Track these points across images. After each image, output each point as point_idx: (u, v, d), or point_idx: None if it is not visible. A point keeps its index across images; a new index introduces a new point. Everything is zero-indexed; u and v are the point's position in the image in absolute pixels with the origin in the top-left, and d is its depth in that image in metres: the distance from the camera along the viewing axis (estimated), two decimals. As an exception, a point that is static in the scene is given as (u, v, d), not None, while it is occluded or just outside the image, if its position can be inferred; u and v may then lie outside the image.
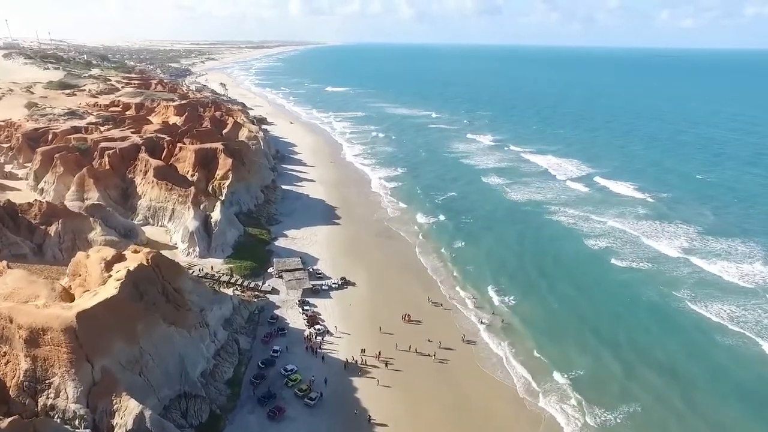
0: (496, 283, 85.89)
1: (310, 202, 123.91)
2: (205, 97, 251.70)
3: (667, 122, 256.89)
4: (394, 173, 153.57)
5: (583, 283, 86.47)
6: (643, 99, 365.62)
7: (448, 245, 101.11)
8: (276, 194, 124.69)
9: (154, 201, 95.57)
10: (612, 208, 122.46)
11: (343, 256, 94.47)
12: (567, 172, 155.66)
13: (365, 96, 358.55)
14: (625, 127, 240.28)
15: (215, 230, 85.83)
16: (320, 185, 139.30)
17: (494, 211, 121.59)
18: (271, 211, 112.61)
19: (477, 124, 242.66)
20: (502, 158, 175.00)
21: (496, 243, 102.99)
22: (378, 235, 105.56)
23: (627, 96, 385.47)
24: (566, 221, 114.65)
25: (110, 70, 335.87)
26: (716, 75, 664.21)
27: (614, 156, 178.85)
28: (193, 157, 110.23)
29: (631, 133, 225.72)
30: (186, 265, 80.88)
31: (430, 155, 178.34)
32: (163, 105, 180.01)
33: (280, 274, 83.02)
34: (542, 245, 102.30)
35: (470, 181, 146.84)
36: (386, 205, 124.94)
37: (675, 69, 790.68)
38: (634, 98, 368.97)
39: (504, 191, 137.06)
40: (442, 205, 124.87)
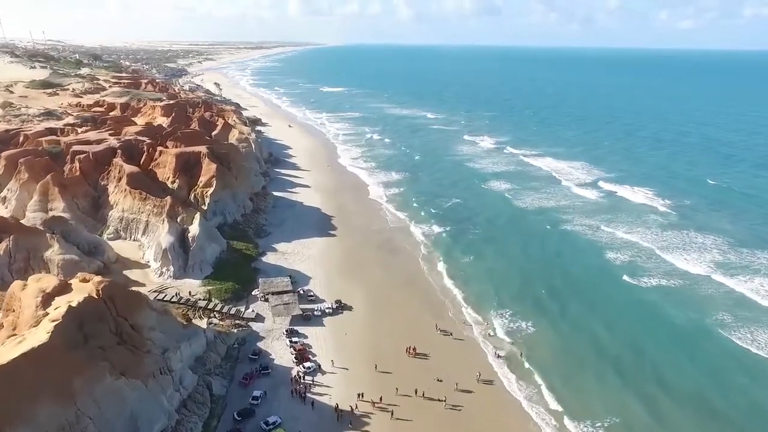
0: (509, 305, 75.82)
1: (304, 211, 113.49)
2: (197, 98, 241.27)
3: (669, 123, 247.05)
4: (394, 178, 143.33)
5: (599, 305, 76.78)
6: (644, 99, 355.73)
7: (454, 260, 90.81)
8: (266, 202, 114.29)
9: (127, 212, 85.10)
10: (622, 217, 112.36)
11: (339, 274, 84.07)
12: (572, 177, 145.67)
13: (364, 96, 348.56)
14: (627, 128, 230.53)
15: (193, 246, 75.40)
16: (315, 192, 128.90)
17: (501, 221, 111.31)
18: (259, 221, 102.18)
19: (477, 126, 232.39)
20: (504, 161, 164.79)
21: (505, 257, 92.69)
22: (378, 249, 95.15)
23: (627, 96, 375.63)
24: (576, 232, 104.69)
25: (101, 69, 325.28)
26: (716, 75, 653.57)
27: (618, 158, 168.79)
28: (174, 162, 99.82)
29: (633, 134, 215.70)
30: (157, 287, 70.57)
31: (430, 158, 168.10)
32: (150, 105, 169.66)
33: (266, 297, 72.61)
34: (553, 260, 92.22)
35: (473, 186, 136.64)
36: (386, 213, 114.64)
37: (674, 69, 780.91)
38: (634, 98, 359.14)
39: (509, 198, 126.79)
40: (445, 213, 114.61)
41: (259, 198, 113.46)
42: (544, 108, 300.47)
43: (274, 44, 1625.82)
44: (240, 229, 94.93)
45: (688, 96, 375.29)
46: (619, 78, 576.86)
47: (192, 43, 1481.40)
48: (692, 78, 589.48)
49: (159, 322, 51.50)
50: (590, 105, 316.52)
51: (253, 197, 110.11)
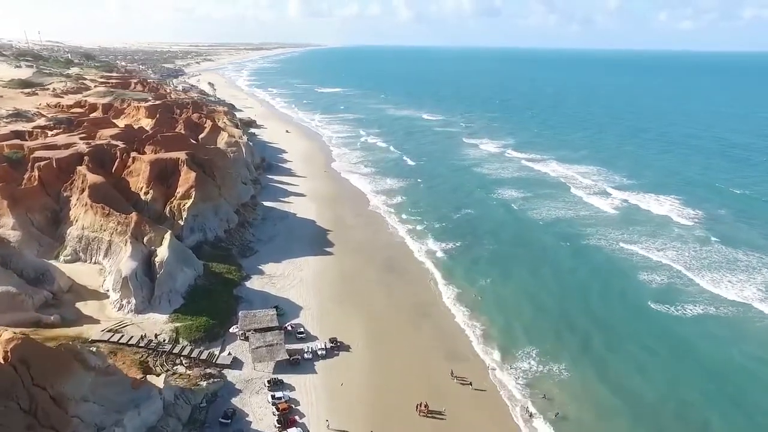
0: (535, 340, 64.30)
1: (297, 224, 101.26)
2: (189, 98, 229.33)
3: (674, 124, 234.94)
4: (395, 185, 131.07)
5: (632, 341, 65.23)
6: (645, 99, 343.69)
7: (467, 283, 78.73)
8: (255, 214, 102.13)
9: (87, 230, 72.90)
10: (642, 231, 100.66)
11: (335, 303, 71.85)
12: (581, 184, 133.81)
13: (363, 97, 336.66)
14: (630, 129, 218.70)
15: (160, 273, 63.17)
16: (311, 201, 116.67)
17: (513, 235, 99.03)
18: (245, 237, 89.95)
19: (477, 127, 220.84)
20: (508, 167, 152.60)
21: (524, 280, 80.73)
22: (380, 269, 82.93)
23: (628, 96, 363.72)
24: (595, 249, 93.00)
25: (91, 69, 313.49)
26: (716, 76, 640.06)
27: (627, 163, 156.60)
28: (148, 170, 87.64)
29: (638, 136, 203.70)
30: (114, 325, 58.34)
31: (432, 163, 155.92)
32: (134, 106, 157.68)
33: (246, 335, 60.44)
34: (575, 283, 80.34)
35: (479, 195, 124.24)
36: (388, 226, 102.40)
37: (674, 70, 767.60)
38: (635, 99, 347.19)
39: (519, 209, 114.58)
40: (452, 226, 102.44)
41: (247, 209, 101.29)
42: (545, 109, 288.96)
43: (274, 45, 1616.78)
44: (222, 247, 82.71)
45: (690, 97, 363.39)
46: (619, 78, 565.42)
47: (192, 44, 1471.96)
48: (693, 79, 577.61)
49: (96, 387, 39.32)
50: (591, 106, 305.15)
51: (239, 209, 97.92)
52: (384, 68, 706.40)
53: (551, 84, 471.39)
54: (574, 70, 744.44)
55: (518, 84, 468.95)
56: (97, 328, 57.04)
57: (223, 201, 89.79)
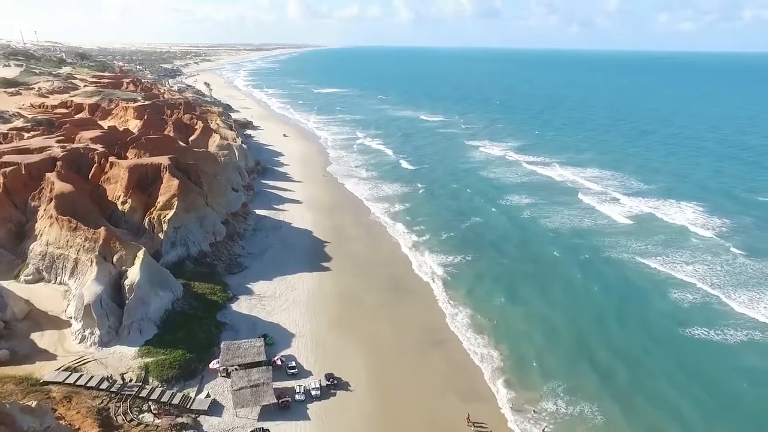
0: (560, 373, 56.83)
1: (292, 235, 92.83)
2: (183, 98, 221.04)
3: (677, 125, 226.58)
4: (397, 191, 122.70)
5: (669, 373, 57.23)
6: (646, 100, 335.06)
7: (480, 304, 70.41)
8: (246, 224, 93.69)
9: (52, 245, 64.41)
10: (658, 243, 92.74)
11: (333, 329, 63.47)
12: (590, 190, 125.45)
13: (363, 98, 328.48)
14: (635, 131, 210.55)
15: (130, 298, 54.75)
16: (307, 209, 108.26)
17: (527, 247, 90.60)
18: (234, 251, 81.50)
19: (479, 129, 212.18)
20: (513, 171, 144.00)
21: (542, 299, 72.74)
22: (383, 288, 74.50)
23: (629, 97, 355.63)
24: (610, 262, 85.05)
25: (84, 68, 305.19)
26: (718, 77, 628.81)
27: (634, 167, 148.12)
28: (127, 176, 79.28)
29: (644, 138, 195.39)
30: (72, 361, 49.90)
31: (435, 167, 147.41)
32: (122, 106, 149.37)
33: (228, 371, 52.07)
34: (600, 303, 72.48)
35: (487, 202, 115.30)
36: (390, 237, 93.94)
37: (675, 71, 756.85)
38: (636, 99, 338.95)
39: (530, 217, 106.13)
40: (460, 237, 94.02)
41: (237, 219, 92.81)
42: (545, 109, 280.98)
43: (274, 46, 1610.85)
44: (206, 263, 74.25)
45: (693, 98, 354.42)
46: (620, 79, 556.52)
47: (192, 45, 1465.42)
48: (695, 80, 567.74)
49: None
50: (592, 106, 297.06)
51: (228, 219, 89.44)
52: (384, 69, 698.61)
53: (551, 84, 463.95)
54: (575, 70, 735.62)
55: (518, 84, 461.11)
56: (52, 366, 48.67)
57: (209, 211, 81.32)
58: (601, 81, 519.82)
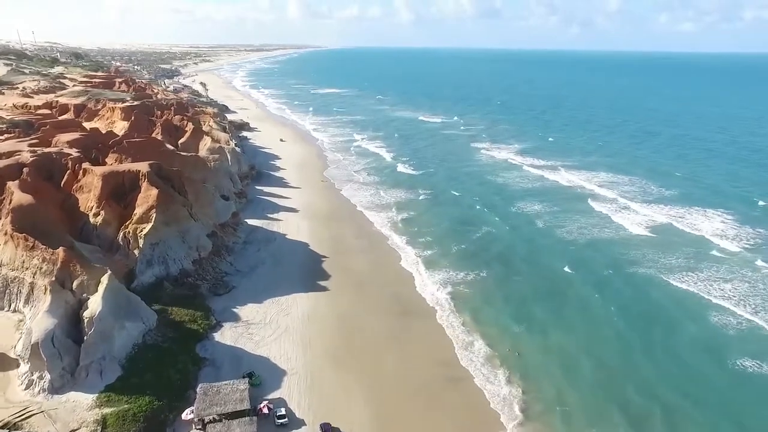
0: (598, 421, 47.45)
1: (287, 248, 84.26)
2: (178, 98, 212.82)
3: (683, 126, 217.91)
4: (399, 198, 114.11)
5: (718, 415, 48.61)
6: (648, 101, 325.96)
7: (499, 332, 62.01)
8: (236, 236, 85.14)
9: (7, 266, 55.81)
10: (682, 258, 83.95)
11: (330, 363, 54.90)
12: (601, 196, 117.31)
13: (362, 98, 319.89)
14: (640, 132, 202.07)
15: (89, 334, 46.25)
16: (304, 218, 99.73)
17: (540, 262, 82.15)
18: (221, 268, 72.93)
19: (480, 131, 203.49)
20: (518, 176, 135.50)
21: (566, 324, 64.53)
22: (387, 312, 65.92)
23: (630, 97, 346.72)
24: (636, 281, 76.51)
25: (76, 68, 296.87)
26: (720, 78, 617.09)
27: (643, 171, 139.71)
28: (100, 185, 70.82)
29: (650, 140, 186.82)
30: (13, 415, 41.33)
31: (438, 172, 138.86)
32: (109, 107, 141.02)
33: (204, 423, 43.56)
34: (625, 328, 64.11)
35: (495, 210, 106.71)
36: (394, 251, 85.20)
37: (677, 72, 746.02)
38: (638, 100, 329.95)
39: (541, 227, 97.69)
40: (470, 250, 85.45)
41: (226, 231, 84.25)
42: (547, 110, 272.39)
43: (275, 47, 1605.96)
44: (188, 284, 65.70)
45: (697, 98, 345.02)
46: (621, 80, 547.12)
47: (192, 45, 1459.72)
48: (697, 80, 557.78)
49: None
50: (594, 107, 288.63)
51: (216, 230, 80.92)
52: (384, 69, 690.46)
53: (552, 85, 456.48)
54: (575, 71, 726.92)
55: (519, 84, 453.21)
56: (-11, 421, 40.13)
57: (193, 223, 72.78)
58: (602, 81, 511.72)
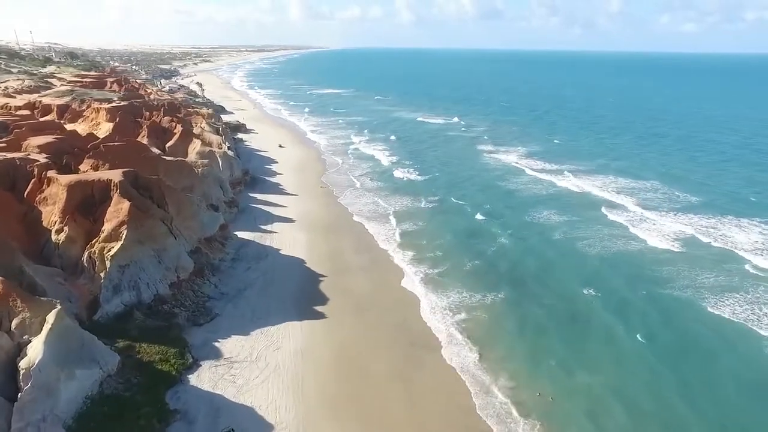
0: None
1: (280, 266, 75.24)
2: (173, 99, 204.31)
3: (693, 128, 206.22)
4: (403, 206, 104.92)
5: None
6: (654, 101, 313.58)
7: (526, 371, 52.76)
8: (224, 252, 76.17)
9: (-59, 298, 46.96)
10: (717, 277, 73.30)
11: (328, 417, 45.75)
12: (616, 204, 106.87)
13: (363, 99, 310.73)
14: (647, 134, 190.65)
15: (25, 389, 37.29)
16: (300, 229, 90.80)
17: (558, 282, 72.06)
18: (203, 291, 63.90)
19: (485, 132, 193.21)
20: (526, 182, 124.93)
21: (586, 362, 54.12)
22: (393, 346, 56.79)
23: (635, 98, 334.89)
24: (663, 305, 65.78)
25: (69, 67, 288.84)
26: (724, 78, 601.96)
27: (656, 175, 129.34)
28: (65, 197, 61.98)
29: (658, 142, 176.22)
30: None
31: (443, 177, 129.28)
32: (94, 108, 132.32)
33: (168, 506, 34.63)
34: (655, 367, 53.41)
35: (503, 221, 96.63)
36: (399, 267, 76.08)
37: (680, 72, 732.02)
38: (643, 100, 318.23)
39: (554, 240, 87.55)
40: (484, 269, 75.75)
41: (213, 246, 75.28)
42: (551, 110, 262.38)
43: (276, 48, 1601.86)
44: (163, 313, 56.74)
45: (703, 99, 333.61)
46: (623, 80, 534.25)
47: (193, 46, 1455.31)
48: (701, 81, 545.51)
49: None
50: (598, 107, 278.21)
51: (201, 247, 72.00)
52: (385, 70, 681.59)
53: (554, 85, 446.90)
54: (577, 71, 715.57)
55: (521, 85, 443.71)
56: None
57: (172, 241, 63.81)
58: (604, 82, 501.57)
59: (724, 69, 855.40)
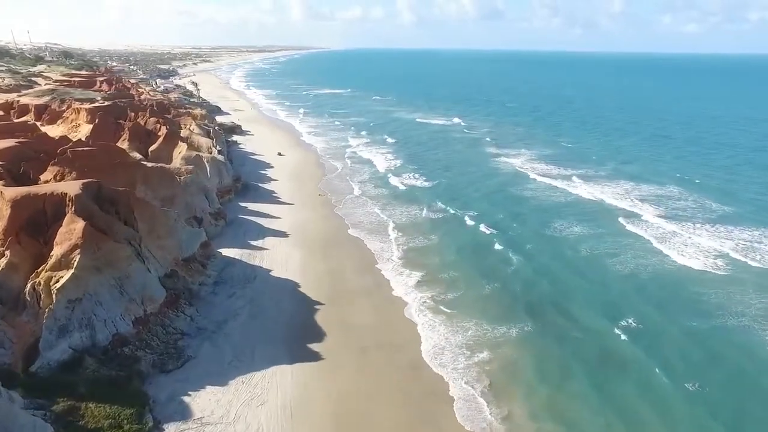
0: None
1: (270, 291, 64.95)
2: (166, 99, 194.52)
3: (702, 130, 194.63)
4: (406, 217, 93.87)
5: None
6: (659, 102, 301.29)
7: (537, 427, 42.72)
8: (205, 274, 65.89)
9: None
10: (760, 304, 63.06)
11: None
12: (634, 215, 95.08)
13: (364, 99, 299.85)
14: (656, 136, 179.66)
15: None
16: (295, 245, 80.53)
17: (588, 311, 61.29)
18: (175, 326, 53.61)
19: (488, 134, 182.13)
20: (534, 189, 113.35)
21: (636, 425, 44.08)
22: (403, 397, 46.42)
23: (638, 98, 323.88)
24: (708, 345, 54.78)
25: (61, 66, 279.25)
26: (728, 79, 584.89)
27: (672, 181, 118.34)
28: (9, 213, 51.89)
29: (668, 144, 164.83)
30: None
31: (448, 182, 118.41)
32: (74, 108, 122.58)
33: None
34: None
35: (519, 235, 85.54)
36: (404, 292, 65.76)
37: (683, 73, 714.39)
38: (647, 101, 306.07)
39: (576, 257, 76.66)
40: (496, 296, 64.80)
41: (192, 268, 64.97)
42: (555, 111, 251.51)
43: (277, 48, 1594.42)
44: (123, 357, 46.47)
45: (705, 99, 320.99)
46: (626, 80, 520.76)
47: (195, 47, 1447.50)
48: (705, 81, 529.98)
49: None
50: (602, 108, 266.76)
51: (177, 269, 61.82)
52: (386, 70, 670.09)
53: (556, 85, 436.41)
54: (579, 72, 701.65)
55: (522, 85, 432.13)
56: None
57: (138, 266, 53.61)
58: (607, 82, 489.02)
59: (727, 69, 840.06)
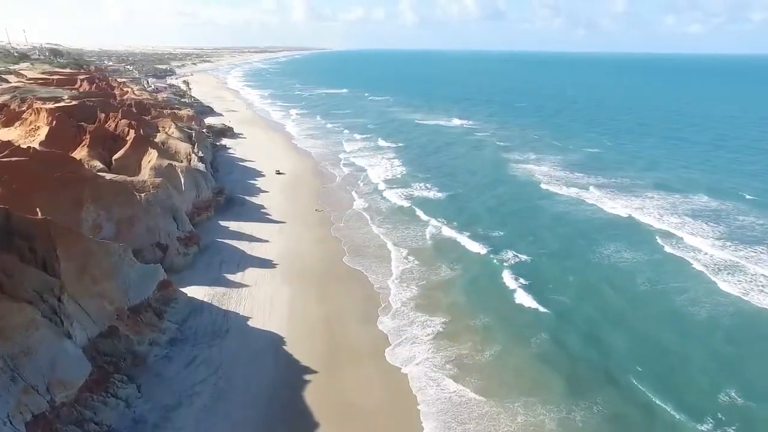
0: None
1: (246, 353, 48.49)
2: (153, 99, 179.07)
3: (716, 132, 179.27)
4: (415, 242, 76.49)
5: None
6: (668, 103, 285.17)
7: None
8: (159, 328, 49.50)
9: None
10: None
11: None
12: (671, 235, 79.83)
13: (365, 99, 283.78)
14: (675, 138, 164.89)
15: None
16: (284, 280, 64.05)
17: (636, 382, 45.05)
18: (98, 422, 37.43)
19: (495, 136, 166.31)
20: (552, 203, 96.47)
21: None
22: None
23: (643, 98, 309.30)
24: None
25: (45, 64, 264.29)
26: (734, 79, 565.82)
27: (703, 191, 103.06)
28: None
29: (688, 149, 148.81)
30: None
31: (456, 194, 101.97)
32: (35, 108, 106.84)
33: None
34: None
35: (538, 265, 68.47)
36: (421, 364, 48.47)
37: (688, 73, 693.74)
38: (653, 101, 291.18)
39: (614, 296, 60.35)
40: (552, 356, 48.95)
41: (141, 320, 48.64)
42: (560, 111, 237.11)
43: (279, 49, 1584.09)
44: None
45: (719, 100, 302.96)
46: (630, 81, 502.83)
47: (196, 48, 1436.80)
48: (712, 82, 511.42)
49: None
50: (607, 108, 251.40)
51: (118, 325, 45.61)
52: (387, 71, 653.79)
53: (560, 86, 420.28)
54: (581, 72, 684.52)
55: (524, 85, 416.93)
56: None
57: (46, 335, 37.37)
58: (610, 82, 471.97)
59: (732, 70, 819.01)
